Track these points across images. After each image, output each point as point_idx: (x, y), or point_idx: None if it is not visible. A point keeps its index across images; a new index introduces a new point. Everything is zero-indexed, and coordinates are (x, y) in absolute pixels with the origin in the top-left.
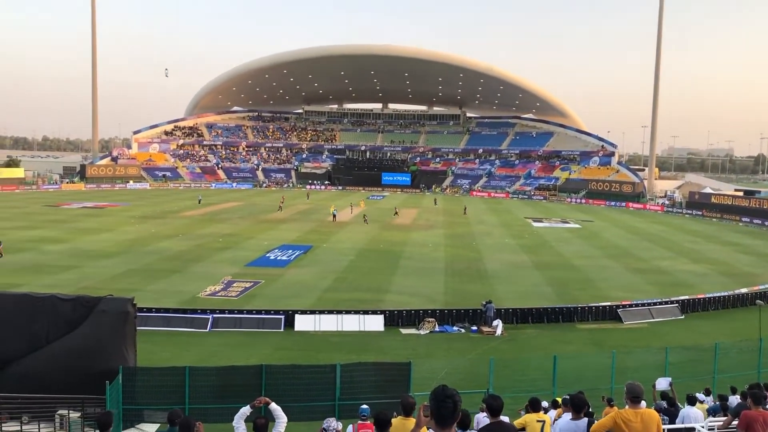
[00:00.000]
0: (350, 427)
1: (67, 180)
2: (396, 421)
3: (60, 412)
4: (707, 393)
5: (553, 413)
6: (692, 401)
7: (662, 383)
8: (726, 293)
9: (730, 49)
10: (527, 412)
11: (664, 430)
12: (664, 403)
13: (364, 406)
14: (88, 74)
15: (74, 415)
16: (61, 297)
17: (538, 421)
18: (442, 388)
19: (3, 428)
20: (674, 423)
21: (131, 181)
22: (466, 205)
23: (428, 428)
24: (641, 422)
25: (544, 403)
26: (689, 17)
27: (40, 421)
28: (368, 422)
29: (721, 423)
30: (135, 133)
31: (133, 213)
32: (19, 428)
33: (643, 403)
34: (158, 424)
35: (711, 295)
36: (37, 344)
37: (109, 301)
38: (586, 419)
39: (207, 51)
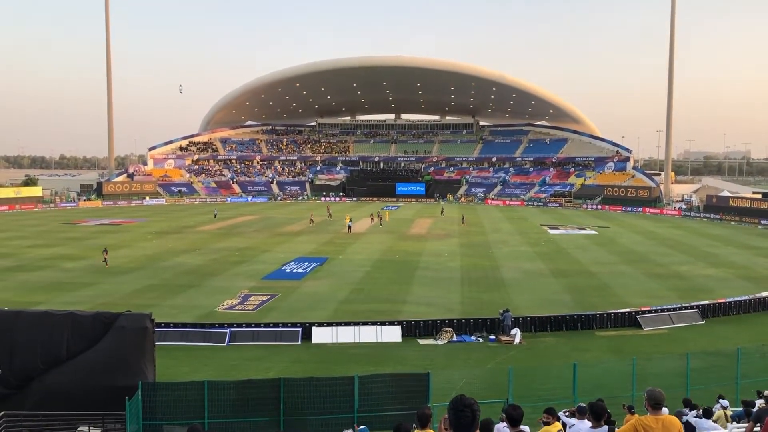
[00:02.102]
0: None
1: (85, 197)
2: None
3: (80, 428)
4: (721, 397)
5: (574, 421)
6: (708, 414)
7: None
8: (747, 297)
9: (746, 49)
10: (545, 422)
11: None
12: (688, 410)
13: (362, 427)
14: (104, 92)
15: (95, 431)
16: (80, 314)
17: (558, 430)
18: (461, 397)
19: None
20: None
21: (147, 197)
22: (464, 214)
23: None
24: (662, 429)
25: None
26: (702, 18)
27: None
28: None
29: (744, 429)
30: (150, 149)
31: (150, 229)
32: None
33: (665, 410)
34: None
35: (731, 300)
36: (57, 361)
37: (128, 317)
38: (606, 427)
39: (220, 66)
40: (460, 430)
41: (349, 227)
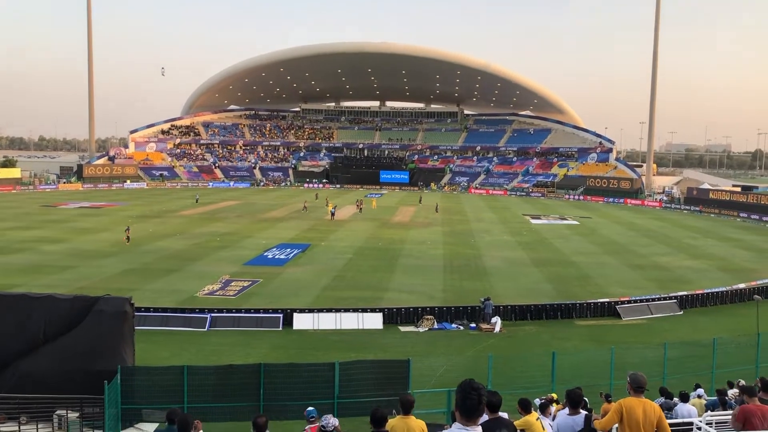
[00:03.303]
0: None
1: (64, 180)
2: (395, 420)
3: (58, 412)
4: (696, 388)
5: (552, 409)
6: (684, 398)
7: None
8: (724, 289)
9: (728, 44)
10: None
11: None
12: (663, 399)
13: (310, 408)
14: (84, 73)
15: (72, 415)
16: (58, 297)
17: (537, 419)
18: (469, 381)
19: (1, 429)
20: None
21: (128, 181)
22: (438, 203)
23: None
24: (643, 412)
25: (536, 401)
26: (686, 12)
27: (39, 422)
28: (316, 425)
29: (720, 417)
30: (132, 132)
31: (131, 212)
32: (17, 429)
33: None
34: (157, 423)
35: (709, 291)
36: (35, 345)
37: (107, 301)
38: (583, 414)
39: (203, 49)
40: (466, 412)
41: (332, 214)
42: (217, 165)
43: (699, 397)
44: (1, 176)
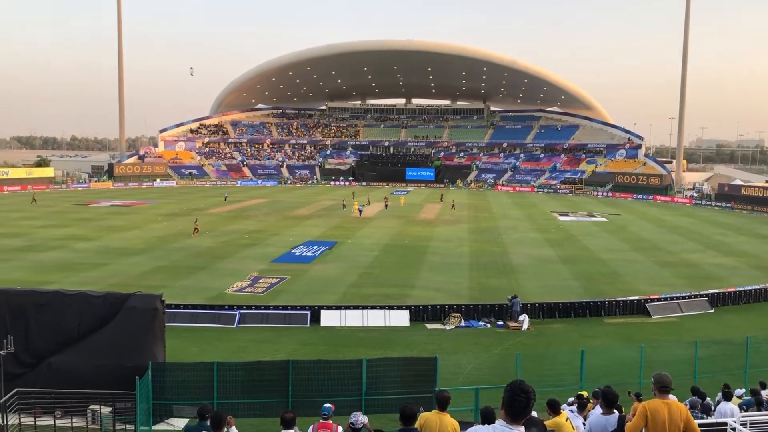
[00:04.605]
0: (310, 428)
1: (96, 179)
2: (431, 414)
3: (92, 407)
4: (727, 387)
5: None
6: (728, 396)
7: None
8: (757, 286)
9: (760, 36)
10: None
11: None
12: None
13: (327, 405)
14: (115, 74)
15: (105, 410)
16: (91, 294)
17: (566, 420)
18: (519, 382)
19: (37, 423)
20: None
21: (158, 179)
22: (454, 199)
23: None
24: (668, 414)
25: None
26: (717, 4)
27: (73, 416)
28: (329, 422)
29: (756, 418)
30: (161, 131)
31: (161, 210)
32: (52, 422)
33: (672, 396)
34: (187, 419)
35: (741, 289)
36: (69, 341)
37: (138, 298)
38: (617, 414)
39: (231, 49)
40: (512, 413)
41: (360, 211)
42: (245, 163)
43: (738, 397)
44: (35, 175)
